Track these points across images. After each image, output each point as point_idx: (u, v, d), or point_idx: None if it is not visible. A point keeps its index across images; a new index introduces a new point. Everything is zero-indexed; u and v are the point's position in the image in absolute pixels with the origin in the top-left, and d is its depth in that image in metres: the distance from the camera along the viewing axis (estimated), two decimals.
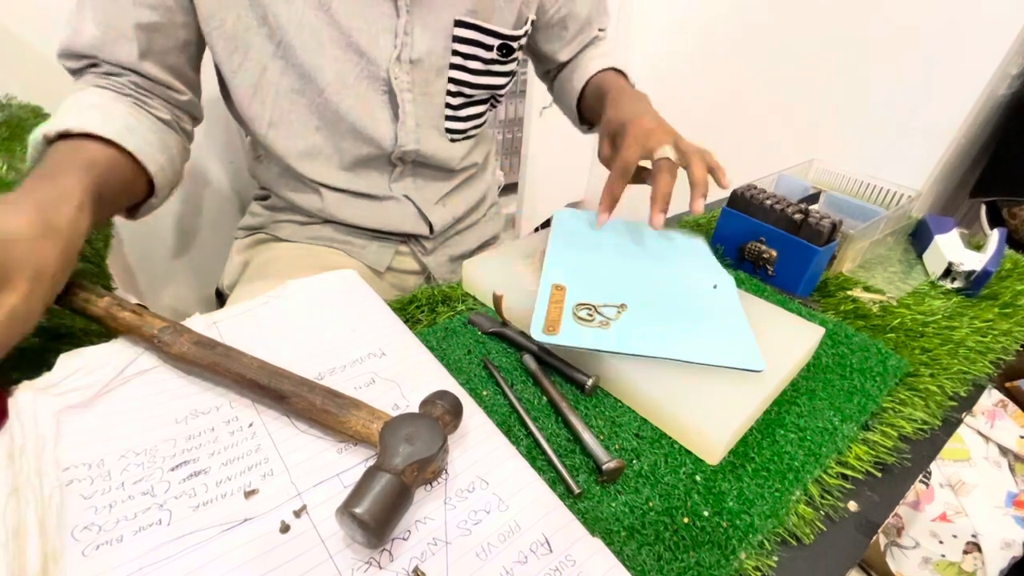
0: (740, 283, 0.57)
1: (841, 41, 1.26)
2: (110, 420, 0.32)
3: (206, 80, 0.58)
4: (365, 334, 0.41)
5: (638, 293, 0.47)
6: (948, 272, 0.61)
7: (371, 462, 0.31)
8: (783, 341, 0.45)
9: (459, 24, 0.58)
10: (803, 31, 1.31)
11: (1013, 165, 1.37)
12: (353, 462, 0.32)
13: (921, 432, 0.43)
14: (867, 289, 0.60)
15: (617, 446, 0.37)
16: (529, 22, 0.64)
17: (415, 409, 0.34)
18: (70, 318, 0.44)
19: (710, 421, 0.37)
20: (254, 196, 0.74)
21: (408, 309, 0.49)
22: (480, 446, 0.34)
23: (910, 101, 1.17)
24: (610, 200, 0.53)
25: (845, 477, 0.38)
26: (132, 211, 0.50)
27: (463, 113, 0.66)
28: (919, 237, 0.71)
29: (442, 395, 0.34)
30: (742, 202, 0.60)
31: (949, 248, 0.63)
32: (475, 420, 0.36)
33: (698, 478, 0.36)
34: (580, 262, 0.51)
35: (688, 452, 0.37)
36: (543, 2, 0.67)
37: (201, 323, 0.40)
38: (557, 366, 0.43)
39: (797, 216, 0.56)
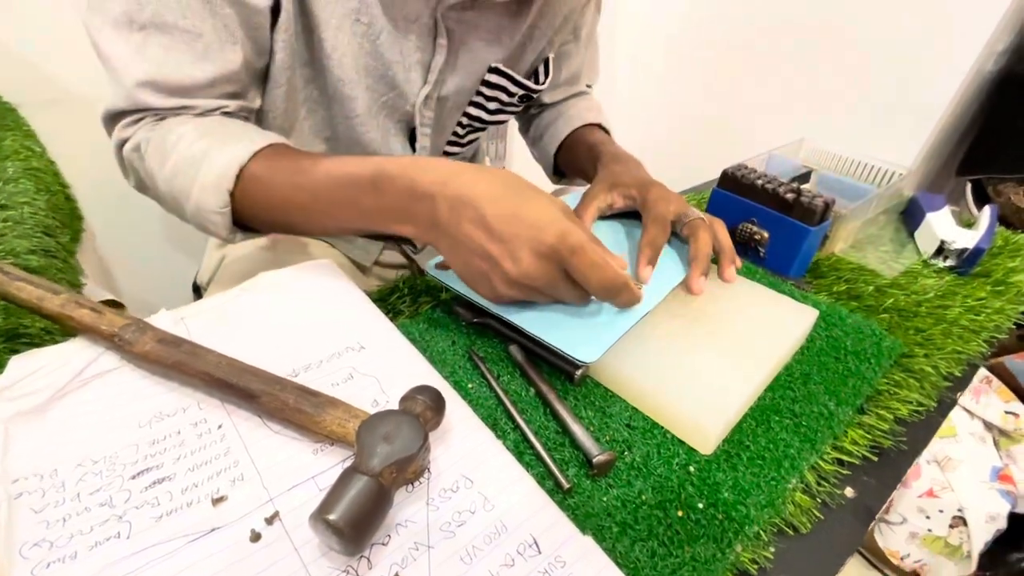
0: None
1: (829, 19, 1.24)
2: (66, 426, 0.30)
3: None
4: (343, 327, 0.39)
5: None
6: (940, 250, 0.60)
7: (349, 463, 0.29)
8: (776, 325, 0.44)
9: (492, 71, 0.56)
10: (791, 9, 1.29)
11: (999, 143, 1.37)
12: (330, 463, 0.30)
13: (916, 414, 0.42)
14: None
15: (608, 437, 0.36)
16: (549, 77, 0.62)
17: (395, 406, 0.32)
18: (29, 318, 0.42)
19: (703, 410, 0.36)
20: None
21: (389, 300, 0.47)
22: (464, 442, 0.32)
23: (899, 79, 1.16)
24: (653, 253, 0.47)
25: (841, 463, 0.37)
26: None
27: (465, 140, 0.65)
28: (910, 216, 0.70)
29: (423, 390, 0.32)
30: (733, 182, 0.59)
31: (941, 226, 0.62)
32: (459, 414, 0.34)
33: (692, 469, 0.34)
34: None
35: (681, 442, 0.36)
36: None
37: (167, 320, 0.38)
38: (545, 356, 0.41)
39: (789, 196, 0.54)
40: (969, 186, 1.50)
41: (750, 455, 0.36)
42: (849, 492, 0.36)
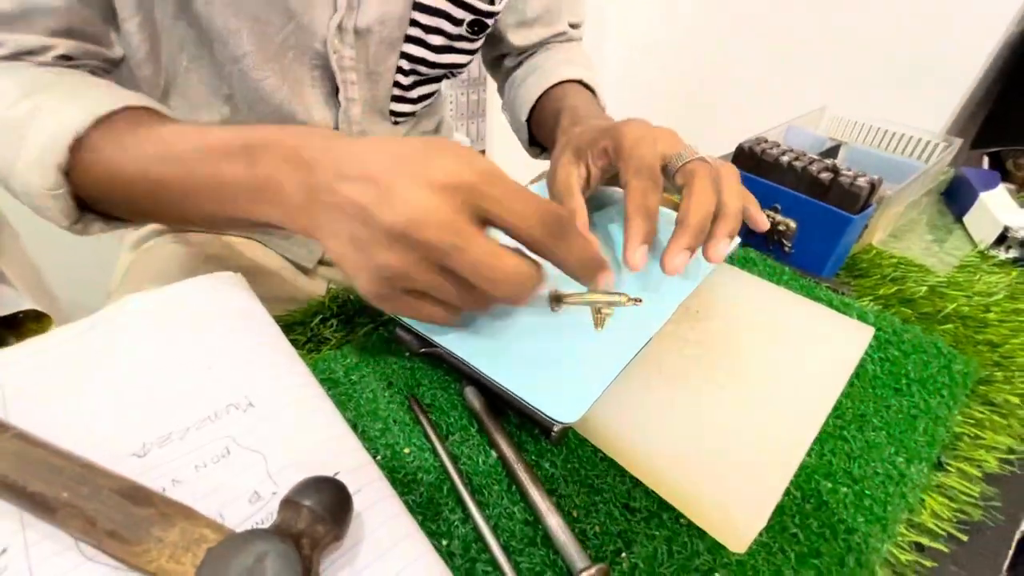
0: (751, 264, 0.45)
1: None
2: None
3: None
4: (226, 373, 0.28)
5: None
6: (1003, 239, 0.49)
7: None
8: (823, 351, 0.33)
9: None
10: None
11: (1021, 112, 1.26)
12: None
13: (1007, 464, 0.32)
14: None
15: (597, 528, 0.25)
16: None
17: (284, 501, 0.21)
18: None
19: (732, 490, 0.25)
20: None
21: (311, 324, 0.36)
22: (384, 562, 0.21)
23: (925, 41, 1.04)
24: (645, 223, 0.31)
25: (920, 547, 0.27)
26: None
27: (413, 94, 0.52)
28: (956, 195, 0.59)
29: (314, 487, 0.21)
30: (750, 159, 0.47)
31: (1000, 208, 0.51)
32: (382, 510, 0.23)
33: None
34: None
35: (701, 534, 0.25)
36: None
37: None
38: (514, 402, 0.30)
39: (824, 175, 0.43)
40: (986, 159, 1.39)
41: (800, 549, 0.25)
42: None
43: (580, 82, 0.54)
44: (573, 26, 0.60)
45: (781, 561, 0.25)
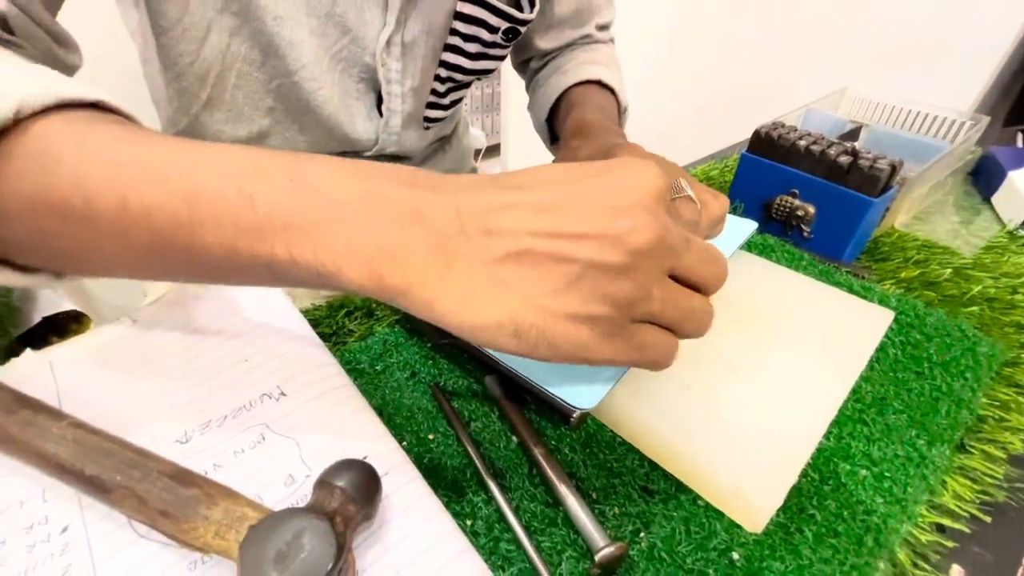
0: (769, 250, 0.45)
1: None
2: None
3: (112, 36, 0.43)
4: (260, 365, 0.30)
5: None
6: None
7: None
8: (840, 335, 0.33)
9: None
10: None
11: None
12: None
13: None
14: None
15: (616, 509, 0.26)
16: (537, 3, 0.48)
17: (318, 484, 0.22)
18: None
19: (749, 470, 0.25)
20: None
21: (336, 317, 0.37)
22: (412, 540, 0.22)
23: (951, 16, 1.00)
24: None
25: (942, 528, 0.27)
26: None
27: (447, 100, 0.52)
28: (983, 175, 0.57)
29: (345, 468, 0.22)
30: (767, 144, 0.47)
31: None
32: (410, 491, 0.24)
33: (735, 556, 0.24)
34: None
35: (719, 514, 0.26)
36: None
37: (30, 365, 0.29)
38: (534, 389, 0.31)
39: (843, 159, 0.42)
40: (1020, 137, 1.34)
41: (817, 528, 0.25)
42: (957, 572, 0.26)
43: (600, 82, 0.54)
44: (601, 27, 0.60)
45: (798, 540, 0.25)
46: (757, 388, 0.30)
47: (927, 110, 0.59)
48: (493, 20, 0.46)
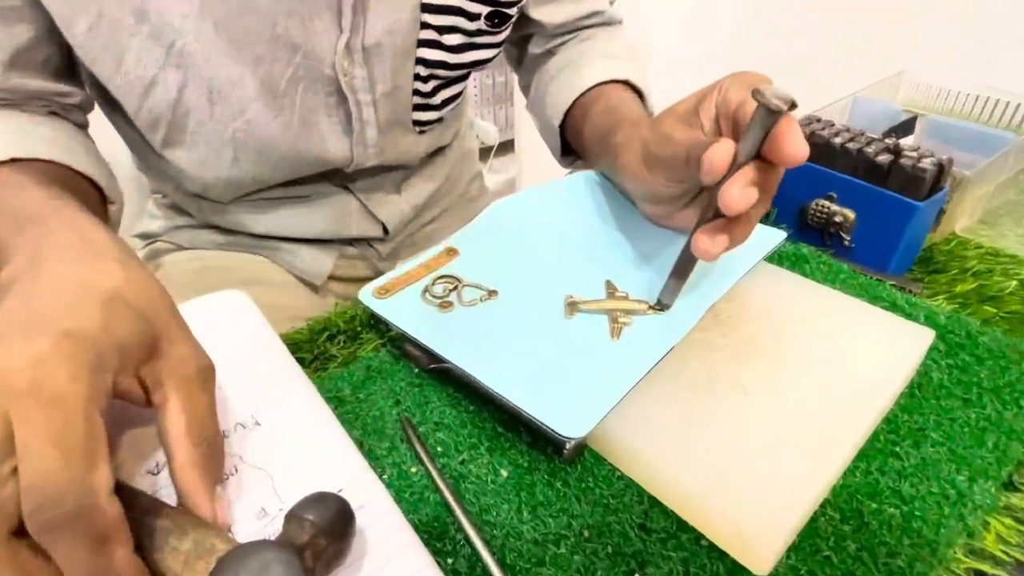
0: (802, 262, 0.46)
1: None
2: None
3: None
4: (234, 393, 0.33)
5: (543, 282, 0.39)
6: None
7: None
8: (870, 357, 0.35)
9: None
10: None
11: None
12: None
13: None
14: None
15: (609, 548, 0.28)
16: None
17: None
18: None
19: (756, 508, 0.27)
20: (151, 190, 0.67)
21: (318, 341, 0.41)
22: (385, 574, 0.25)
23: None
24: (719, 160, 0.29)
25: (980, 575, 0.28)
26: None
27: (436, 99, 0.55)
28: None
29: (318, 502, 0.25)
30: None
31: None
32: (384, 525, 0.27)
33: None
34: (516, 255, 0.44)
35: (722, 555, 0.28)
36: None
37: None
38: (525, 417, 0.33)
39: (883, 158, 0.44)
40: None
41: (832, 573, 0.27)
42: None
43: (624, 82, 0.54)
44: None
45: None
46: (770, 418, 0.32)
47: (996, 95, 0.60)
48: (470, 6, 0.48)
